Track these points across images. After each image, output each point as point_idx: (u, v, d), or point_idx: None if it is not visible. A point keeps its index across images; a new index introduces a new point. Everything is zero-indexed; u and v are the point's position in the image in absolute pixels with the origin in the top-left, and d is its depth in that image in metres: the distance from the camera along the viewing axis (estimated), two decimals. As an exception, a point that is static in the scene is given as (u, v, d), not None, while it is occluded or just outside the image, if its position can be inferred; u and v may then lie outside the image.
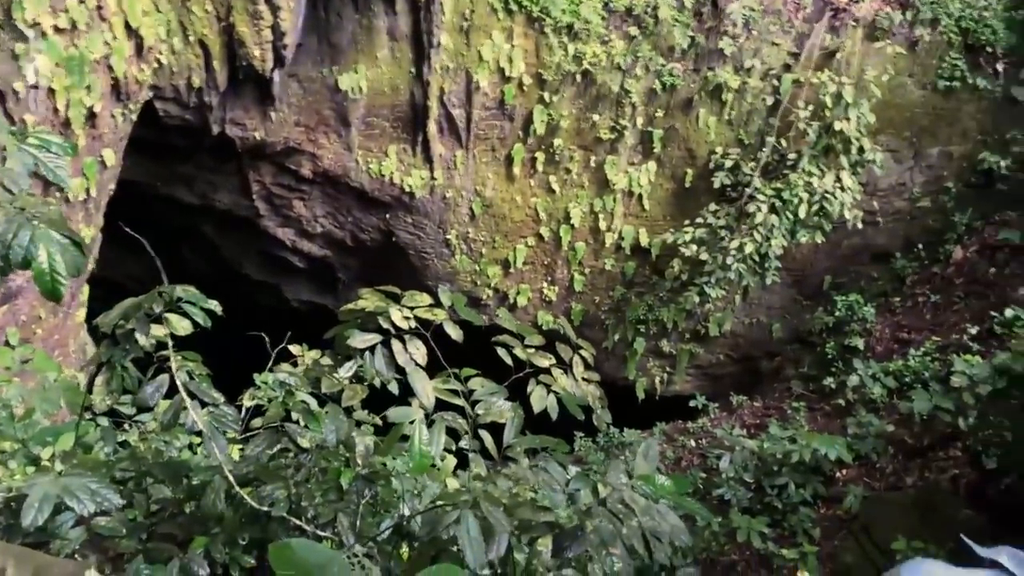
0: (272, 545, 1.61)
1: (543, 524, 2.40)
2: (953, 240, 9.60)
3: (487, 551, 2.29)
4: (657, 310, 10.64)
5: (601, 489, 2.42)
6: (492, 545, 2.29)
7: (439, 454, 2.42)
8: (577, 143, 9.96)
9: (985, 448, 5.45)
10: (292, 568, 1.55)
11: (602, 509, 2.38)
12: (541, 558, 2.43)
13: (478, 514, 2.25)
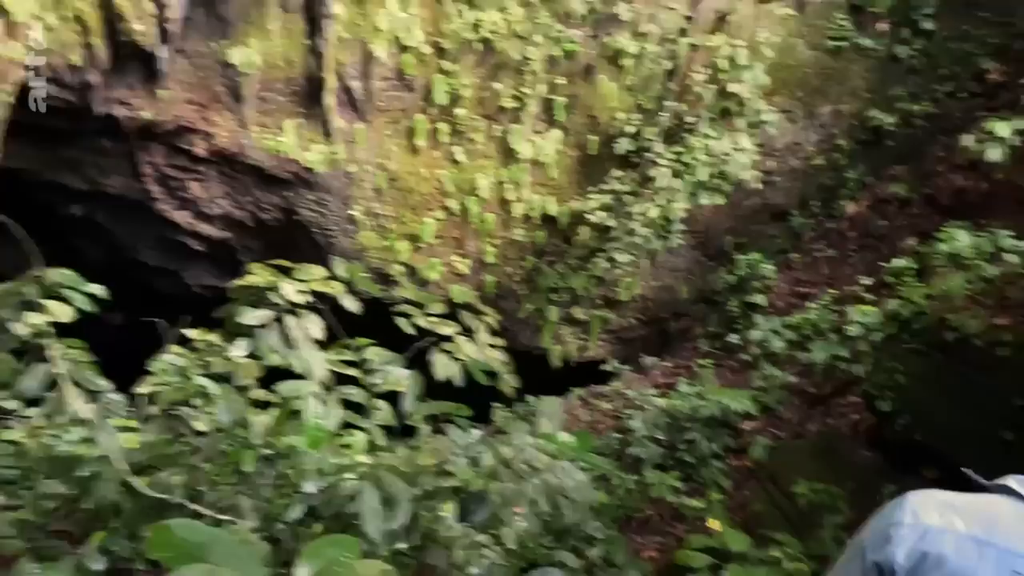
0: (150, 527, 1.53)
1: (447, 490, 2.38)
2: (846, 196, 9.97)
3: (389, 521, 2.25)
4: (569, 278, 10.71)
5: (504, 450, 2.41)
6: (394, 515, 2.25)
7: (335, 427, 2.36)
8: (480, 113, 9.88)
9: (880, 392, 5.70)
10: (171, 549, 1.47)
11: (505, 470, 2.37)
12: (445, 523, 2.41)
13: (377, 485, 2.21)
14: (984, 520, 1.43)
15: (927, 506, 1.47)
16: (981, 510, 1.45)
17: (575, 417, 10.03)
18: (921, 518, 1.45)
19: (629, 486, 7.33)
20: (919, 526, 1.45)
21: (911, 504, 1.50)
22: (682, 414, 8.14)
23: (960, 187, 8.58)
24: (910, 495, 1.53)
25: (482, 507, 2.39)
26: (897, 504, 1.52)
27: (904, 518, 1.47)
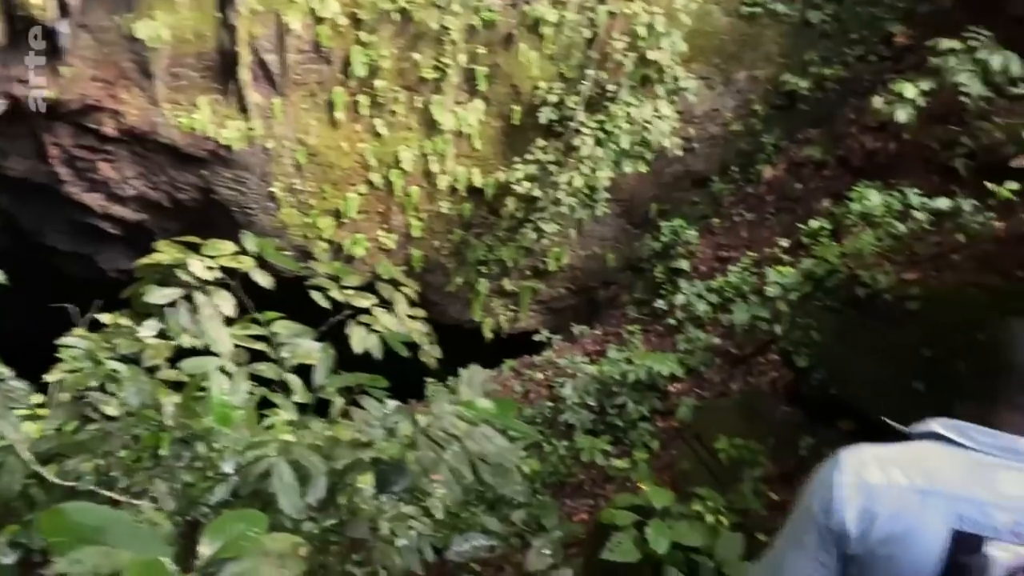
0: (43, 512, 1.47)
1: (364, 461, 2.35)
2: (763, 160, 10.18)
3: (305, 496, 2.22)
4: (497, 250, 10.71)
5: (421, 419, 2.39)
6: (310, 489, 2.22)
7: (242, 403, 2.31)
8: (400, 84, 9.74)
9: (796, 349, 5.87)
10: (66, 533, 1.42)
11: (423, 439, 2.36)
12: (363, 495, 2.40)
13: (290, 460, 2.17)
14: (922, 469, 1.47)
15: (865, 464, 1.51)
16: (916, 460, 1.50)
17: (508, 388, 10.09)
18: (863, 477, 1.49)
19: (561, 452, 7.43)
20: (863, 485, 1.49)
21: (849, 464, 1.53)
22: (612, 380, 8.27)
23: (871, 148, 8.84)
24: (844, 454, 1.56)
25: (401, 477, 2.38)
26: (835, 465, 1.55)
27: (846, 479, 1.51)
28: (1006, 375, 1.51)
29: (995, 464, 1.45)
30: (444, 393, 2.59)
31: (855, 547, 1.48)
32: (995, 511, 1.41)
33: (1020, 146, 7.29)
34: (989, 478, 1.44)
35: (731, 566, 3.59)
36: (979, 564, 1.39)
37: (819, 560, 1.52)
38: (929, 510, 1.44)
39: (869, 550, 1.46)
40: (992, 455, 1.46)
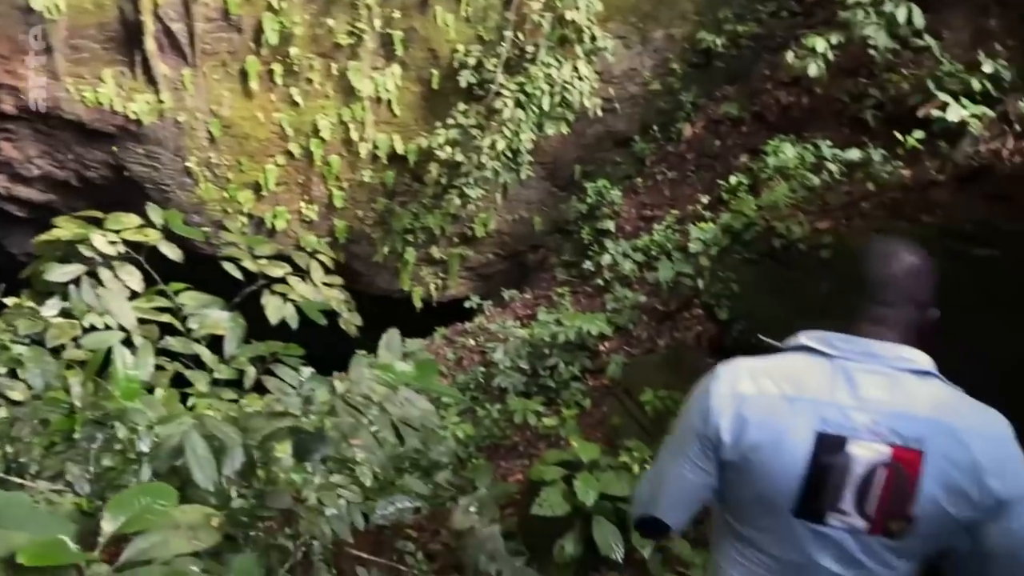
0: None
1: (282, 430, 2.32)
2: (683, 119, 10.30)
3: (221, 468, 2.18)
4: (423, 217, 10.62)
5: (338, 385, 2.36)
6: (225, 461, 2.18)
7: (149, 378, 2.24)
8: (315, 51, 9.51)
9: (717, 302, 6.01)
10: (-46, 518, 1.36)
11: (341, 404, 2.33)
12: (282, 464, 2.36)
13: (204, 433, 2.12)
14: (790, 379, 1.58)
15: (739, 375, 1.63)
16: (786, 370, 1.60)
17: (440, 356, 10.08)
18: (736, 388, 1.61)
19: (494, 415, 7.48)
20: (735, 395, 1.60)
21: (725, 376, 1.65)
22: (542, 342, 8.33)
23: (785, 103, 9.02)
24: (720, 368, 1.68)
25: (321, 444, 2.35)
26: (712, 378, 1.67)
27: (721, 389, 1.63)
28: (861, 289, 1.61)
29: (855, 368, 1.55)
30: (363, 359, 2.56)
31: (730, 453, 1.59)
32: (855, 413, 1.52)
33: (926, 96, 7.53)
34: (850, 382, 1.54)
35: (657, 513, 3.68)
36: (842, 462, 1.51)
37: (699, 466, 1.63)
38: (796, 416, 1.54)
39: (742, 455, 1.57)
40: (852, 360, 1.56)
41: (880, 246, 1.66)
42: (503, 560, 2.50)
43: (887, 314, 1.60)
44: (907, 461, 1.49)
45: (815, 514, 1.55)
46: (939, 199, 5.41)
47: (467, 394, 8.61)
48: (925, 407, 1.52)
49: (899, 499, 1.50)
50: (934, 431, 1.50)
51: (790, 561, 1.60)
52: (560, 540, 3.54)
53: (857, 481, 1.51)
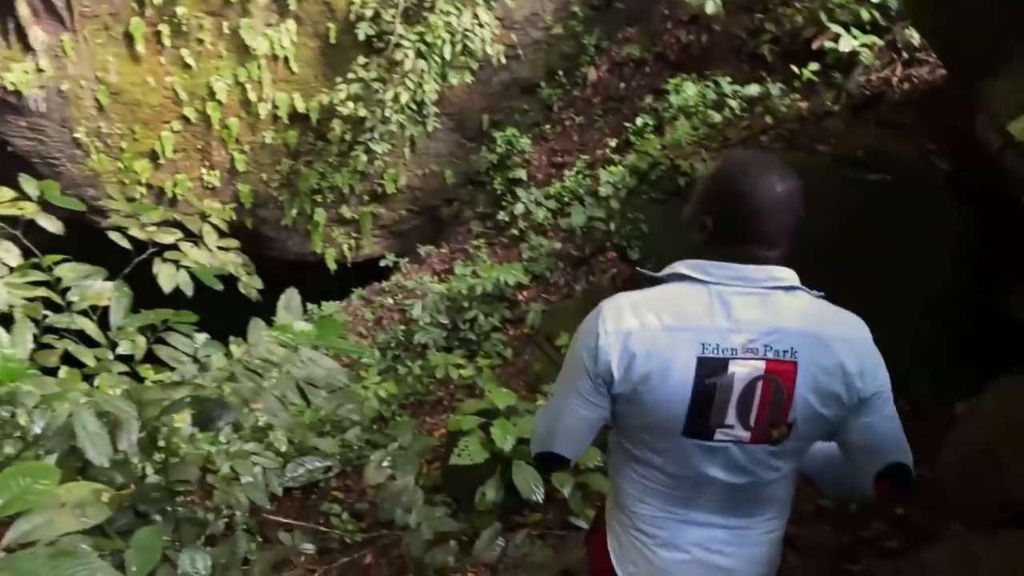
0: None
1: (180, 401, 2.24)
2: (587, 63, 10.27)
3: (117, 442, 2.10)
4: (330, 176, 10.39)
5: (235, 349, 2.29)
6: (121, 436, 2.10)
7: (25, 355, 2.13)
8: (204, 9, 9.10)
9: (628, 243, 6.07)
10: None
11: (240, 368, 2.27)
12: (181, 434, 2.30)
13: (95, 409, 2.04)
14: (671, 310, 1.64)
15: (623, 312, 1.67)
16: (665, 301, 1.66)
17: (359, 317, 9.97)
18: (621, 324, 1.65)
19: (416, 372, 7.45)
20: (621, 332, 1.64)
21: (609, 314, 1.68)
22: (461, 295, 8.30)
23: (686, 42, 9.07)
24: (604, 305, 1.71)
25: (223, 412, 2.28)
26: (597, 316, 1.70)
27: (607, 326, 1.66)
28: (747, 218, 1.65)
29: (729, 292, 1.63)
30: (260, 321, 2.49)
31: (620, 387, 1.65)
32: (732, 335, 1.60)
33: (819, 28, 7.68)
34: (725, 306, 1.62)
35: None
36: (724, 382, 1.61)
37: (591, 401, 1.70)
38: (678, 345, 1.61)
39: (632, 387, 1.64)
40: (726, 285, 1.63)
41: (753, 179, 1.66)
42: (420, 511, 2.50)
43: (769, 238, 1.65)
44: (782, 372, 1.60)
45: (703, 433, 1.65)
46: (833, 128, 5.56)
47: (388, 353, 8.55)
48: (794, 321, 1.62)
49: (777, 408, 1.62)
50: (804, 342, 1.61)
51: (684, 476, 1.72)
52: (481, 487, 3.58)
53: (739, 397, 1.61)
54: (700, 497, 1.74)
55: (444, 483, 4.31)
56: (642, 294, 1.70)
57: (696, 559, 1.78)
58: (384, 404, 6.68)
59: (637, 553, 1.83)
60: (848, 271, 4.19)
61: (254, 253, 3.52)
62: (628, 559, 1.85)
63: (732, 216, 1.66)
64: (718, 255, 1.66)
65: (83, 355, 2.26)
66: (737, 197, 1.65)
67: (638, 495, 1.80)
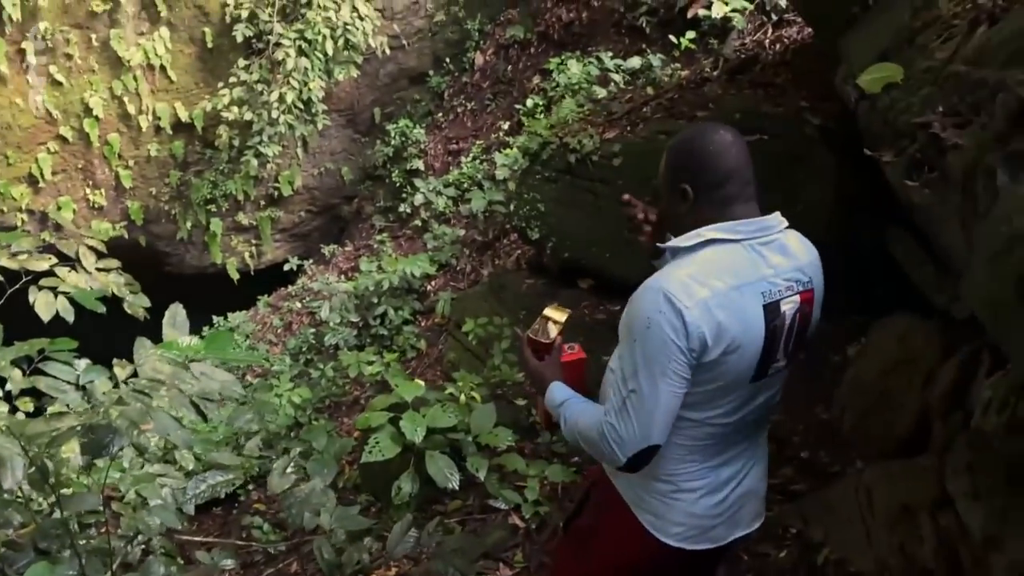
0: None
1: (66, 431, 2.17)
2: (473, 47, 10.27)
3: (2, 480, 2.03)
4: (223, 184, 10.12)
5: (119, 371, 2.23)
6: (4, 474, 2.03)
7: None
8: (69, 23, 8.70)
9: (528, 223, 6.13)
10: None
11: (127, 391, 2.21)
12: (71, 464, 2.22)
13: (-28, 448, 1.96)
14: (726, 271, 1.76)
15: (689, 285, 1.73)
16: (717, 265, 1.77)
17: (268, 324, 9.79)
18: (696, 296, 1.72)
19: (329, 374, 7.37)
20: (700, 302, 1.71)
21: (677, 291, 1.73)
22: (368, 291, 8.24)
23: (567, 20, 9.17)
24: (664, 284, 1.75)
25: (114, 436, 2.22)
26: (664, 298, 1.73)
27: (685, 302, 1.71)
28: (729, 178, 1.81)
29: (758, 244, 1.80)
30: (145, 340, 2.43)
31: (711, 353, 1.74)
32: (775, 279, 1.80)
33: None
34: (762, 256, 1.80)
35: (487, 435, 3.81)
36: (780, 321, 1.80)
37: (686, 377, 1.76)
38: (747, 299, 1.76)
39: (722, 350, 1.74)
40: (754, 238, 1.80)
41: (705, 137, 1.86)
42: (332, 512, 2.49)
43: (749, 191, 1.84)
44: (808, 301, 1.86)
45: (764, 373, 1.84)
46: (711, 94, 5.72)
47: (300, 358, 8.43)
48: (802, 255, 1.87)
49: (803, 333, 1.88)
50: (811, 271, 1.88)
51: (732, 422, 1.87)
52: (396, 482, 3.58)
53: (786, 331, 1.83)
54: (736, 435, 1.90)
55: (363, 482, 4.29)
56: (690, 266, 1.78)
57: (731, 494, 1.94)
58: (299, 410, 6.59)
59: (681, 512, 1.93)
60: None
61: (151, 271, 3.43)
62: (671, 522, 1.94)
63: (712, 174, 1.81)
64: (715, 210, 1.82)
65: (-47, 396, 2.16)
66: (708, 157, 1.82)
67: (679, 459, 1.89)
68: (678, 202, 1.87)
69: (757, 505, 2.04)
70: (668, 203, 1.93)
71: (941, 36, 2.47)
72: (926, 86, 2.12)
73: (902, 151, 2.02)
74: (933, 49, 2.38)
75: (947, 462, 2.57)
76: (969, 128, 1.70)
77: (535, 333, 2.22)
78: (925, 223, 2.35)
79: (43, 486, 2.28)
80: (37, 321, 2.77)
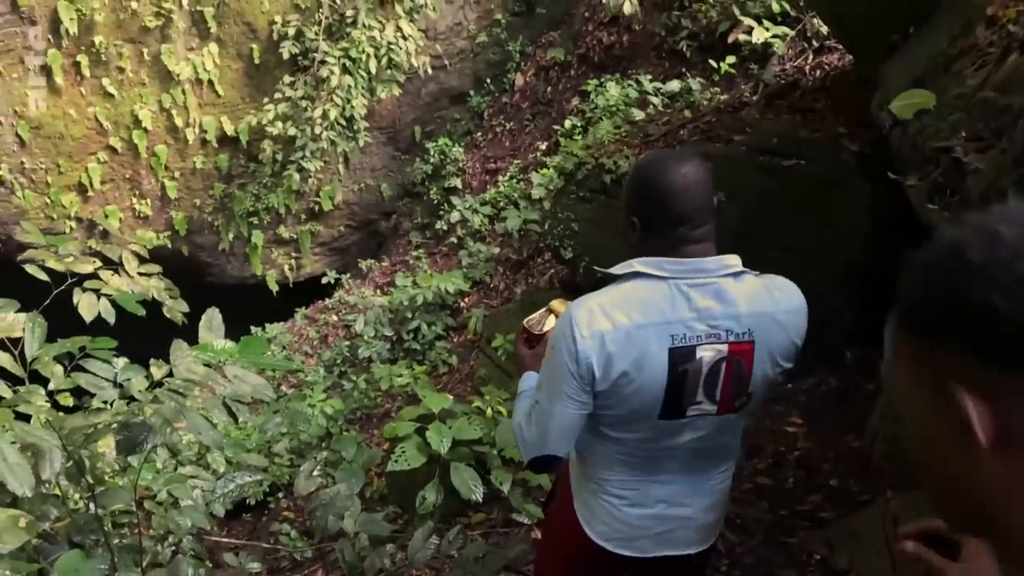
0: None
1: (103, 427, 2.25)
2: (513, 69, 10.40)
3: (40, 472, 2.11)
4: (265, 198, 10.31)
5: (155, 371, 2.31)
6: (44, 466, 2.11)
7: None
8: (122, 37, 8.98)
9: (561, 243, 6.17)
10: None
11: (163, 390, 2.28)
12: (107, 460, 2.30)
13: (15, 439, 2.04)
14: (636, 307, 1.76)
15: (594, 315, 1.76)
16: (630, 299, 1.77)
17: (304, 336, 9.92)
18: (595, 327, 1.75)
19: (362, 386, 7.46)
20: (596, 334, 1.75)
21: (581, 318, 1.77)
22: (403, 306, 8.34)
23: (608, 43, 9.25)
24: (574, 311, 1.80)
25: (147, 434, 2.29)
26: (569, 323, 1.78)
27: (582, 331, 1.75)
28: (683, 222, 1.78)
29: (687, 285, 1.76)
30: (182, 342, 2.51)
31: (600, 384, 1.78)
32: (695, 323, 1.76)
33: (733, 22, 7.91)
34: (686, 298, 1.76)
35: (512, 449, 3.83)
36: (693, 367, 1.77)
37: (577, 400, 1.81)
38: (650, 339, 1.75)
39: (612, 383, 1.77)
40: (683, 278, 1.76)
41: (660, 172, 1.81)
42: (356, 517, 2.54)
43: (704, 231, 1.80)
44: (742, 352, 1.79)
45: (676, 413, 1.83)
46: (749, 118, 5.73)
47: (335, 370, 8.53)
48: (748, 305, 1.78)
49: (739, 382, 1.82)
50: (758, 323, 1.79)
51: (654, 448, 1.91)
52: (421, 492, 3.62)
53: (705, 377, 1.79)
54: (666, 461, 1.93)
55: (389, 493, 4.34)
56: (607, 295, 1.80)
57: (660, 513, 1.99)
58: (331, 420, 6.67)
59: (607, 514, 2.00)
60: (769, 255, 4.33)
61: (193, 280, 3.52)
62: (598, 520, 2.02)
63: (655, 209, 1.79)
64: (661, 249, 1.79)
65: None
66: (653, 190, 1.79)
67: (607, 466, 1.96)
68: (629, 230, 1.88)
69: (698, 533, 2.05)
70: (622, 226, 1.92)
71: (975, 64, 2.47)
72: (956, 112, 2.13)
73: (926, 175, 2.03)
74: (966, 76, 2.39)
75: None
76: (990, 152, 1.71)
77: (532, 323, 2.28)
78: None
79: (79, 480, 2.36)
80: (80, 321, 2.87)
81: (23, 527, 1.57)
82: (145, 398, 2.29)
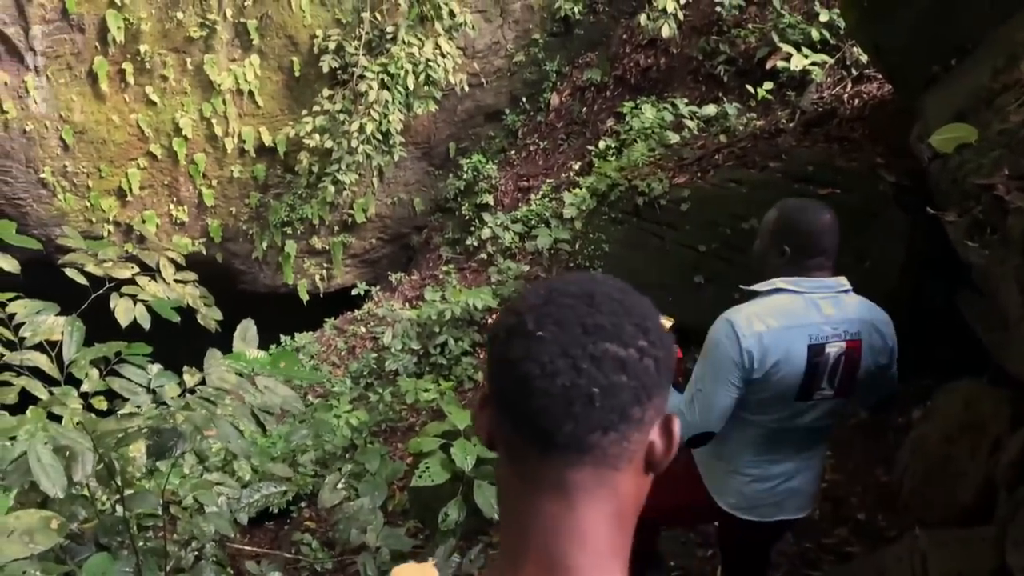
0: None
1: (135, 431, 2.28)
2: (549, 88, 10.44)
3: (72, 474, 2.14)
4: (299, 208, 10.43)
5: (188, 378, 2.34)
6: (76, 467, 2.14)
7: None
8: (167, 46, 9.16)
9: (592, 263, 6.17)
10: None
11: (193, 397, 2.31)
12: (137, 463, 2.33)
13: (49, 440, 2.07)
14: (782, 314, 2.32)
15: (751, 320, 2.31)
16: (776, 308, 2.34)
17: (332, 346, 9.98)
18: (753, 328, 2.30)
19: (387, 399, 7.48)
20: (755, 334, 2.30)
21: (741, 324, 2.31)
22: (431, 321, 8.35)
23: (645, 65, 9.27)
24: (732, 317, 2.34)
25: (177, 440, 2.32)
26: (733, 327, 2.31)
27: (745, 332, 2.29)
28: (820, 254, 2.36)
29: (817, 298, 2.34)
30: (216, 351, 2.54)
31: (757, 373, 2.32)
32: (824, 327, 2.33)
33: (772, 48, 7.88)
34: (816, 308, 2.34)
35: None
36: (823, 360, 2.33)
37: (736, 386, 2.34)
38: (795, 338, 2.31)
39: (765, 372, 2.32)
40: (814, 293, 2.34)
41: (810, 216, 2.38)
42: (378, 531, 2.54)
43: (825, 261, 2.38)
44: (854, 348, 2.35)
45: (807, 396, 2.38)
46: (785, 145, 5.70)
47: (361, 381, 8.57)
48: (855, 313, 2.37)
49: (851, 372, 2.37)
50: (864, 327, 2.37)
51: (782, 428, 2.45)
52: (444, 508, 3.61)
53: (830, 368, 2.35)
54: (785, 443, 2.48)
55: (412, 507, 4.34)
56: (757, 305, 2.35)
57: (778, 488, 2.54)
58: (355, 432, 6.69)
59: (735, 490, 2.57)
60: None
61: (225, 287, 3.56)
62: (728, 494, 2.59)
63: (804, 240, 2.35)
64: (801, 270, 2.35)
65: (36, 390, 2.30)
66: (810, 228, 2.36)
67: (740, 450, 2.51)
68: (776, 256, 2.41)
69: (804, 500, 2.62)
70: (765, 252, 2.45)
71: (1018, 99, 2.44)
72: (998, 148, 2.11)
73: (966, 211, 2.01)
74: (1009, 112, 2.36)
75: (1009, 534, 2.49)
76: (1033, 191, 1.69)
77: None
78: (983, 283, 2.43)
79: (109, 483, 2.40)
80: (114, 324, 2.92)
81: (55, 528, 1.60)
82: (177, 404, 2.32)
